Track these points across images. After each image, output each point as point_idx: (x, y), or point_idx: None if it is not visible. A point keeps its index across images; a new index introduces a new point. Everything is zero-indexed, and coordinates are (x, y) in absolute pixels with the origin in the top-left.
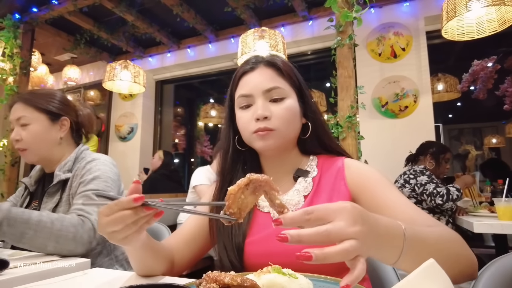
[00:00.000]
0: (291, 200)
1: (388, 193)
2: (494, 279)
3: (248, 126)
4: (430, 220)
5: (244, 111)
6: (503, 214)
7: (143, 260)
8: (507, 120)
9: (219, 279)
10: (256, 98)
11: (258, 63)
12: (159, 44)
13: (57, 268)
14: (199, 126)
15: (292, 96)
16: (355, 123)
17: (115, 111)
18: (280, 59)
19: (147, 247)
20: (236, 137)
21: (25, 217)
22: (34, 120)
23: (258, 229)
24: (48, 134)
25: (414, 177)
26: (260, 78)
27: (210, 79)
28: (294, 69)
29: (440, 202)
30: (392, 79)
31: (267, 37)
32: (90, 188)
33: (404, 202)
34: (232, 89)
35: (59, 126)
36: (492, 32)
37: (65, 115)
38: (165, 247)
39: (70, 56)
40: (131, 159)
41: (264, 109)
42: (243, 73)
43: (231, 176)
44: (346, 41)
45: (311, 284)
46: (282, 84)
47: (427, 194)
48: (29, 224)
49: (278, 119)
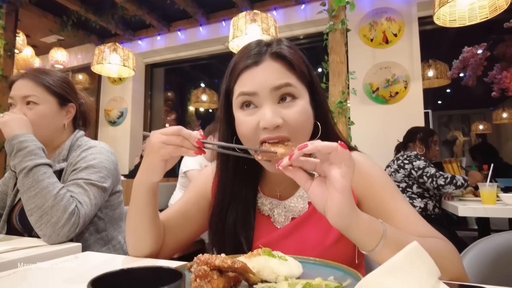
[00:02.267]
0: (295, 206)
1: (394, 202)
2: (476, 259)
3: (252, 136)
4: (432, 231)
5: (246, 114)
6: (487, 198)
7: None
8: (495, 107)
9: (210, 261)
10: (261, 98)
11: (263, 55)
12: (149, 27)
13: (48, 252)
14: (190, 111)
15: (305, 96)
16: (346, 109)
17: (104, 95)
18: (288, 48)
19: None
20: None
21: (41, 177)
22: (44, 101)
23: (261, 234)
24: (55, 118)
25: (409, 162)
26: (266, 74)
27: (201, 63)
28: (306, 60)
29: (441, 182)
30: (383, 65)
31: (259, 21)
32: (81, 176)
33: (409, 212)
34: (230, 84)
35: (65, 112)
36: (483, 19)
37: (73, 101)
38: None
39: (57, 39)
40: (121, 144)
41: (274, 115)
42: (244, 68)
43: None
44: (338, 26)
45: (300, 266)
46: (294, 80)
47: (427, 176)
48: (38, 184)
49: (292, 126)
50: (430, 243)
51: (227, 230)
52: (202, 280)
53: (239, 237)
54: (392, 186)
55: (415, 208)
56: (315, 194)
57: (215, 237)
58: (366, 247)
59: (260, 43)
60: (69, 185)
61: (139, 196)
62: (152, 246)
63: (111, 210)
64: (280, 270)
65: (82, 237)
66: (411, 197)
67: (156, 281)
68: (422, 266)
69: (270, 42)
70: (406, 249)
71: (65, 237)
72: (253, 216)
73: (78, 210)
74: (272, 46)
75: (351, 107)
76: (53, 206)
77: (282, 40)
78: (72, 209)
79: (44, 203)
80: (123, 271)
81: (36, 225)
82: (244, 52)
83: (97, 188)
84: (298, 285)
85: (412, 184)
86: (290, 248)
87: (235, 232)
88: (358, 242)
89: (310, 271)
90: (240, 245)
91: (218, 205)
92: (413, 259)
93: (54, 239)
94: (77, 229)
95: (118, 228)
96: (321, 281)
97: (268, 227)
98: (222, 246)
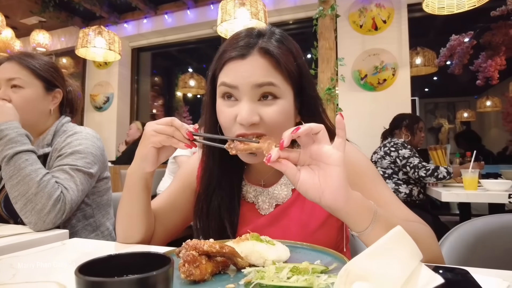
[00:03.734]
0: (279, 194)
1: (376, 188)
2: (456, 242)
3: (230, 127)
4: (412, 215)
5: (226, 105)
6: (469, 184)
7: (135, 209)
8: (479, 95)
9: (198, 246)
10: (242, 93)
11: (250, 48)
12: (135, 9)
13: (35, 239)
14: (178, 96)
15: (287, 96)
16: (335, 95)
17: (89, 79)
18: (279, 43)
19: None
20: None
21: (22, 165)
22: (30, 85)
23: (246, 221)
24: (40, 103)
25: (395, 149)
26: (250, 70)
27: (188, 47)
28: (297, 55)
29: (423, 174)
30: (372, 52)
31: (248, 5)
32: (67, 162)
33: (390, 198)
34: (216, 71)
35: (51, 97)
36: (471, 7)
37: (60, 87)
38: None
39: (38, 20)
40: (107, 130)
41: (250, 113)
42: (230, 59)
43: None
44: (328, 12)
45: (287, 250)
46: (278, 80)
47: (410, 166)
48: (20, 171)
49: (269, 124)
50: (412, 226)
51: (211, 214)
52: (190, 265)
53: (223, 221)
54: (374, 173)
55: (400, 194)
56: (307, 183)
57: (200, 221)
58: (359, 227)
59: (251, 34)
60: (55, 171)
61: (132, 185)
62: (142, 235)
63: (98, 196)
64: (268, 255)
65: (69, 223)
66: (396, 183)
67: (144, 266)
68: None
69: (262, 33)
70: (390, 233)
71: (51, 224)
72: (237, 202)
73: (63, 196)
74: (263, 39)
75: (339, 94)
76: (37, 193)
77: (275, 32)
78: (57, 196)
79: (28, 191)
80: (111, 257)
81: (21, 212)
82: (233, 41)
83: (83, 174)
84: (286, 269)
85: (398, 170)
86: (274, 234)
87: (219, 216)
88: (352, 221)
89: (297, 255)
90: (224, 230)
91: (203, 191)
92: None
93: (40, 226)
94: (64, 215)
95: (106, 214)
96: (308, 264)
97: (253, 214)
98: (207, 230)
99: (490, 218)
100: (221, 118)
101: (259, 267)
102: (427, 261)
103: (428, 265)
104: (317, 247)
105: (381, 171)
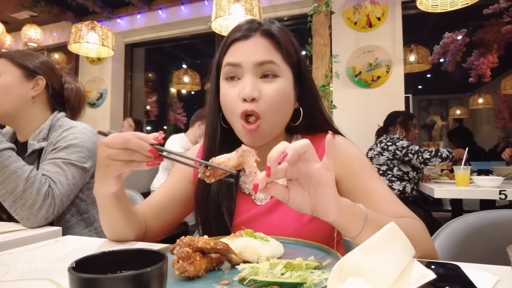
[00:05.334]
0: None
1: (370, 181)
2: (448, 238)
3: (234, 107)
4: (405, 210)
5: (230, 86)
6: (461, 180)
7: (115, 218)
8: (472, 92)
9: (193, 243)
10: (245, 71)
11: (253, 31)
12: (128, 4)
13: (28, 237)
14: (172, 92)
15: (287, 76)
16: (329, 92)
17: (82, 75)
18: (279, 28)
19: (121, 202)
20: (221, 113)
21: (6, 162)
22: (5, 72)
23: (242, 211)
24: (17, 88)
25: (392, 143)
26: (252, 48)
27: (183, 43)
28: (295, 43)
29: (427, 156)
30: (366, 49)
31: (242, 1)
32: (60, 156)
33: (384, 191)
34: (220, 56)
35: (32, 85)
36: (464, 5)
37: (42, 75)
38: (138, 212)
39: (30, 15)
40: (101, 126)
41: (253, 88)
42: (233, 40)
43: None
44: (323, 8)
45: (281, 246)
46: (278, 59)
47: (412, 152)
48: (5, 169)
49: (266, 102)
50: (405, 222)
51: (210, 198)
52: (184, 262)
53: (221, 208)
54: (369, 167)
55: (393, 190)
56: (298, 201)
57: (200, 205)
58: (351, 233)
59: (253, 21)
60: (46, 164)
61: (102, 202)
62: (131, 237)
63: (93, 191)
64: (262, 251)
65: (63, 218)
66: (390, 180)
67: (139, 263)
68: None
69: (262, 22)
70: (384, 229)
71: (44, 219)
72: (235, 190)
73: (52, 191)
74: (264, 25)
75: (334, 91)
76: (26, 190)
77: (275, 22)
78: (46, 190)
79: (16, 188)
80: (105, 253)
81: (11, 210)
82: (236, 28)
83: (76, 168)
84: (279, 265)
85: (393, 167)
86: (269, 224)
87: (217, 201)
88: (343, 229)
89: (291, 251)
90: (221, 216)
91: None
92: (390, 239)
93: (33, 221)
94: (55, 210)
95: None
96: (302, 260)
97: (249, 204)
98: (206, 215)
99: (482, 214)
100: (224, 99)
101: (253, 263)
102: (421, 257)
103: (421, 260)
104: (311, 243)
105: (376, 167)
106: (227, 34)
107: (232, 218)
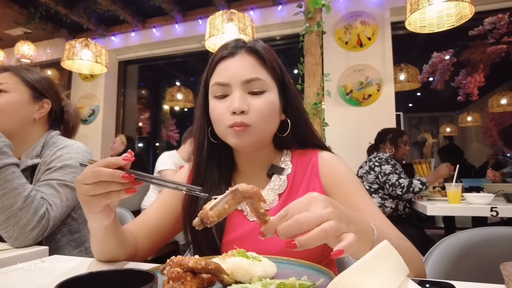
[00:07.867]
0: (266, 199)
1: (360, 199)
2: (441, 256)
3: (223, 119)
4: (395, 231)
5: (219, 102)
6: (453, 197)
7: (107, 244)
8: (461, 110)
9: (183, 263)
10: (233, 89)
11: (239, 48)
12: (122, 22)
13: (13, 256)
14: (165, 109)
15: (273, 90)
16: (321, 110)
17: (75, 92)
18: (263, 46)
19: (113, 230)
20: (209, 128)
21: (9, 177)
22: (15, 90)
23: (232, 228)
24: (24, 109)
25: (379, 164)
26: (239, 66)
27: (176, 60)
28: (278, 59)
29: (399, 193)
30: (357, 68)
31: (236, 20)
32: (55, 177)
33: (374, 210)
34: (208, 74)
35: (38, 107)
36: (450, 27)
37: (49, 98)
38: (128, 233)
39: (23, 31)
40: (92, 142)
41: (242, 102)
42: (220, 58)
43: (205, 172)
44: (314, 28)
45: (274, 266)
46: (264, 75)
47: (389, 184)
48: (6, 184)
49: (255, 114)
50: (398, 242)
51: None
52: (175, 282)
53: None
54: (358, 185)
55: (386, 208)
56: None
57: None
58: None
59: (239, 40)
60: (42, 185)
61: (95, 233)
62: (122, 258)
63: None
64: (254, 271)
65: (54, 238)
66: (382, 197)
67: (128, 284)
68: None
69: (247, 41)
70: (377, 247)
71: (33, 240)
72: None
73: (48, 213)
74: (248, 43)
75: (326, 109)
76: (23, 208)
77: (259, 40)
78: (42, 212)
79: (13, 205)
80: (92, 274)
81: (1, 226)
82: (223, 46)
83: (70, 190)
84: (272, 285)
85: (383, 187)
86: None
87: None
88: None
89: (284, 271)
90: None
91: None
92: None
93: (21, 241)
94: (45, 232)
95: None
96: (295, 280)
97: (241, 220)
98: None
99: (474, 231)
100: (214, 114)
101: (245, 283)
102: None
103: (414, 279)
104: (304, 262)
105: (367, 185)
106: (215, 52)
107: (222, 235)
